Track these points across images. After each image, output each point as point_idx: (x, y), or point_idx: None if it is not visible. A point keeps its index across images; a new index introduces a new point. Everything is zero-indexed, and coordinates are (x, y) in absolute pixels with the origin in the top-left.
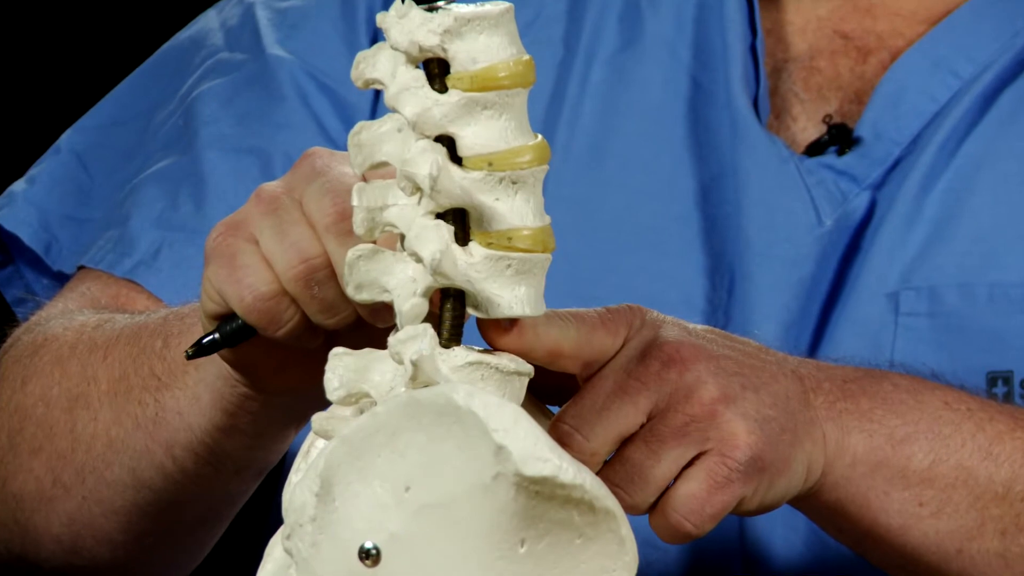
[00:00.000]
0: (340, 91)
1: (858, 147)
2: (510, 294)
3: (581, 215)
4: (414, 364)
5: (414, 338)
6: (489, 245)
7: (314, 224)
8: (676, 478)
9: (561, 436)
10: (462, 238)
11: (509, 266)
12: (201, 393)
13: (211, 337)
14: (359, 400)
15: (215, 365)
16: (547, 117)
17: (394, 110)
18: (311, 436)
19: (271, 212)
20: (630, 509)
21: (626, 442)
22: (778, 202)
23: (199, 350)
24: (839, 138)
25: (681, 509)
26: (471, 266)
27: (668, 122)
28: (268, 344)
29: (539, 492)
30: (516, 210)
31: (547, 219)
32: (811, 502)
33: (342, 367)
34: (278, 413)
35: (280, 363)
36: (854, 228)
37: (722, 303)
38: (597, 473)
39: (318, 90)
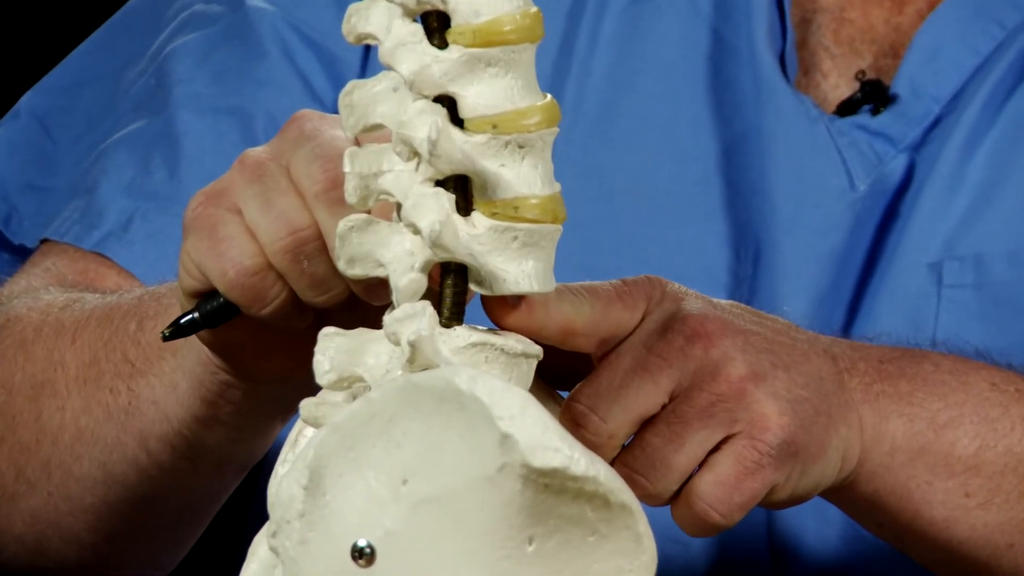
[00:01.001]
0: (327, 45)
1: (894, 105)
2: (516, 268)
3: (592, 181)
4: (412, 345)
5: (412, 317)
6: (494, 215)
7: (303, 192)
8: (701, 464)
9: (575, 417)
10: (464, 207)
11: (515, 238)
12: (178, 380)
13: (190, 317)
14: (352, 384)
15: (194, 350)
16: (554, 74)
17: (389, 68)
18: (299, 424)
19: (256, 180)
20: (651, 499)
21: (646, 424)
22: (807, 166)
23: (176, 331)
24: (873, 95)
25: (707, 497)
26: (474, 238)
27: (687, 79)
28: (252, 325)
29: (548, 485)
30: (523, 177)
31: (557, 186)
32: (846, 494)
33: (333, 348)
34: (263, 403)
35: (266, 347)
36: (891, 193)
37: (747, 276)
38: (614, 460)
39: (303, 44)
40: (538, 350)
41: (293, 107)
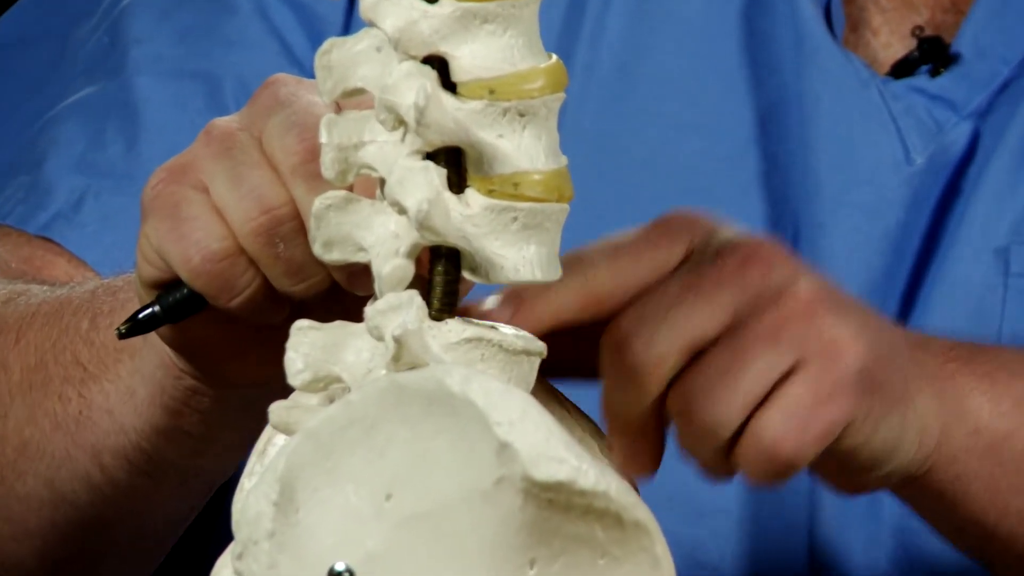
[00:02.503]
0: (307, 1)
1: (956, 66)
2: (516, 254)
3: (607, 154)
4: (397, 340)
5: (397, 308)
6: (490, 193)
7: (277, 166)
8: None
9: (617, 343)
10: (457, 184)
11: (515, 219)
12: (136, 386)
13: (149, 311)
14: (328, 385)
15: (154, 351)
16: (563, 32)
17: (372, 24)
18: (268, 431)
19: (224, 153)
20: (707, 436)
21: (700, 354)
22: (856, 135)
23: (134, 327)
24: (932, 55)
25: (776, 428)
26: (468, 219)
27: (716, 37)
28: (221, 321)
29: (553, 501)
30: (524, 149)
31: (563, 160)
32: (923, 484)
33: (307, 344)
34: (233, 411)
35: (236, 346)
36: (952, 167)
37: None
38: (663, 393)
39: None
40: (541, 347)
41: (267, 71)
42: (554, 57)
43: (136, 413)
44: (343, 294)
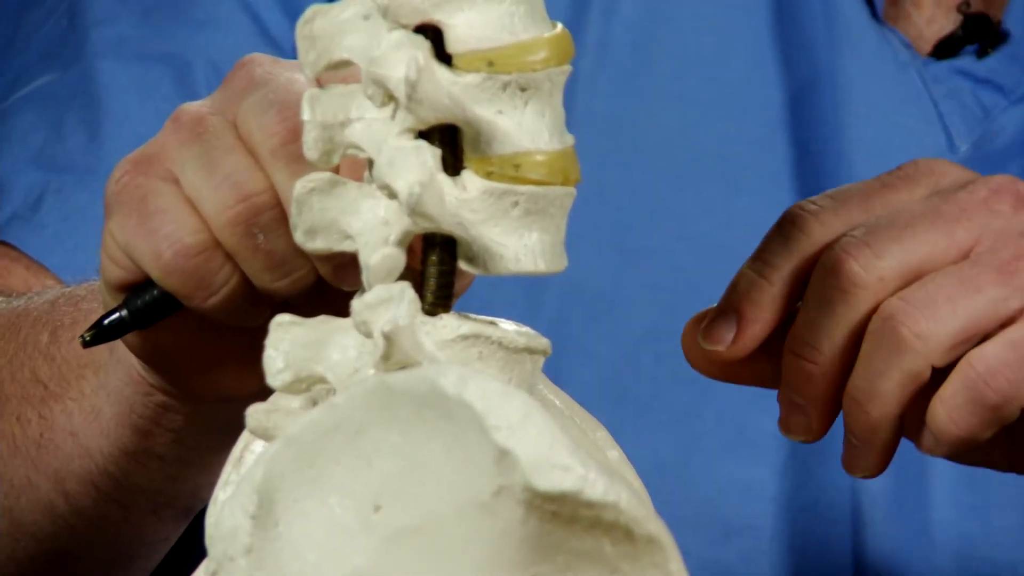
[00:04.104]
0: None
1: (1005, 45)
2: (517, 242)
3: (622, 139)
4: (387, 337)
5: (387, 302)
6: (489, 175)
7: (255, 149)
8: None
9: (834, 262)
10: (452, 166)
11: (516, 204)
12: (102, 405)
13: (116, 315)
14: (311, 386)
15: (121, 365)
16: (573, 3)
17: None
18: (245, 436)
19: (195, 139)
20: (917, 343)
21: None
22: (894, 120)
23: (100, 333)
24: (979, 33)
25: (991, 359)
26: (464, 204)
27: (742, 11)
28: (194, 326)
29: (557, 513)
30: (526, 127)
31: (569, 139)
32: None
33: (289, 341)
34: (209, 430)
35: (211, 355)
36: (1000, 156)
37: None
38: (883, 303)
39: None
40: (545, 344)
41: (241, 51)
42: (559, 26)
43: (102, 434)
44: (329, 291)
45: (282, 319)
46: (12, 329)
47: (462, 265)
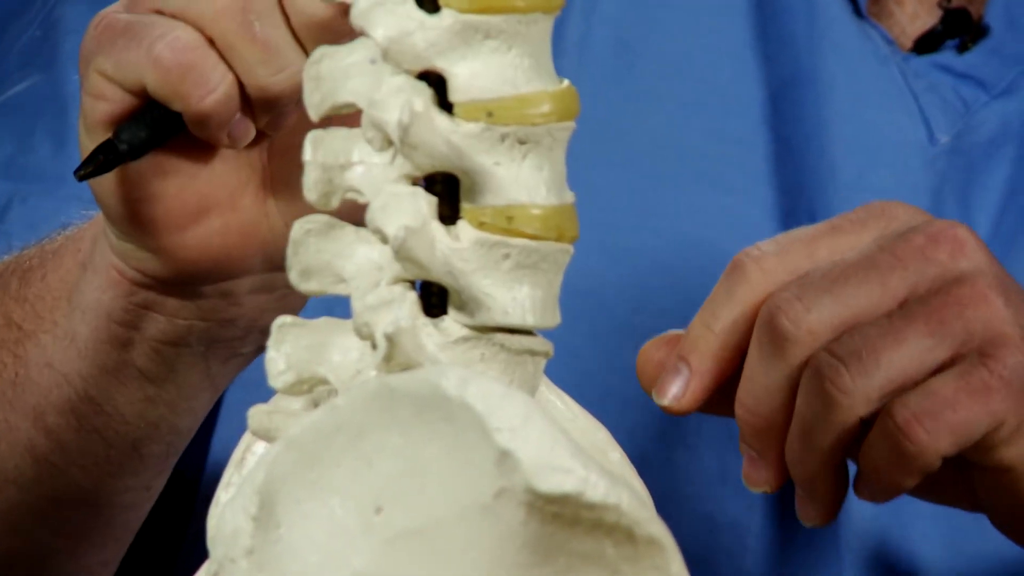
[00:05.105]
0: None
1: (986, 40)
2: (506, 295)
3: (603, 137)
4: (388, 339)
5: (389, 304)
6: (481, 226)
7: None
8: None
9: (772, 305)
10: (450, 216)
11: (507, 256)
12: (77, 327)
13: (110, 143)
14: (313, 388)
15: (98, 273)
16: None
17: (363, 32)
18: (247, 438)
19: None
20: (842, 398)
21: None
22: (874, 115)
23: (100, 163)
24: (959, 28)
25: (913, 407)
26: (455, 252)
27: (723, 8)
28: (178, 165)
29: (558, 515)
30: (522, 180)
31: (569, 196)
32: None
33: (290, 342)
34: (188, 343)
35: (194, 200)
36: (981, 149)
37: None
38: (812, 356)
39: None
40: (548, 346)
41: None
42: (565, 82)
43: (80, 356)
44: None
45: (284, 320)
46: None
47: (451, 313)
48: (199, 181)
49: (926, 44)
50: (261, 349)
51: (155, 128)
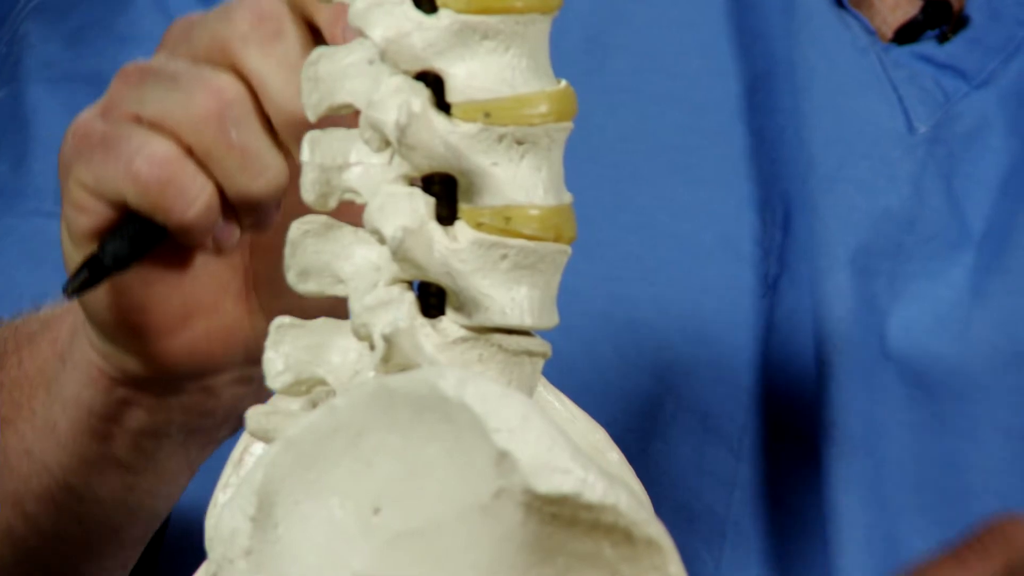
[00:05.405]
0: None
1: (966, 30)
2: (504, 296)
3: (578, 134)
4: (387, 340)
5: (387, 304)
6: (479, 226)
7: (221, 42)
8: None
9: None
10: (448, 216)
11: (505, 256)
12: (57, 418)
13: (96, 258)
14: (311, 389)
15: (78, 369)
16: None
17: (361, 33)
18: (244, 439)
19: (148, 75)
20: None
21: None
22: (852, 105)
23: (87, 279)
24: (940, 18)
25: None
26: (453, 253)
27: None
28: (163, 273)
29: (556, 516)
30: (520, 180)
31: (567, 197)
32: None
33: (288, 343)
34: (167, 431)
35: (179, 306)
36: (961, 140)
37: (775, 245)
38: None
39: None
40: (546, 347)
41: None
42: (563, 82)
43: (59, 446)
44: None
45: (282, 321)
46: None
47: (450, 314)
48: (183, 287)
49: (907, 34)
50: (236, 430)
51: (139, 240)
